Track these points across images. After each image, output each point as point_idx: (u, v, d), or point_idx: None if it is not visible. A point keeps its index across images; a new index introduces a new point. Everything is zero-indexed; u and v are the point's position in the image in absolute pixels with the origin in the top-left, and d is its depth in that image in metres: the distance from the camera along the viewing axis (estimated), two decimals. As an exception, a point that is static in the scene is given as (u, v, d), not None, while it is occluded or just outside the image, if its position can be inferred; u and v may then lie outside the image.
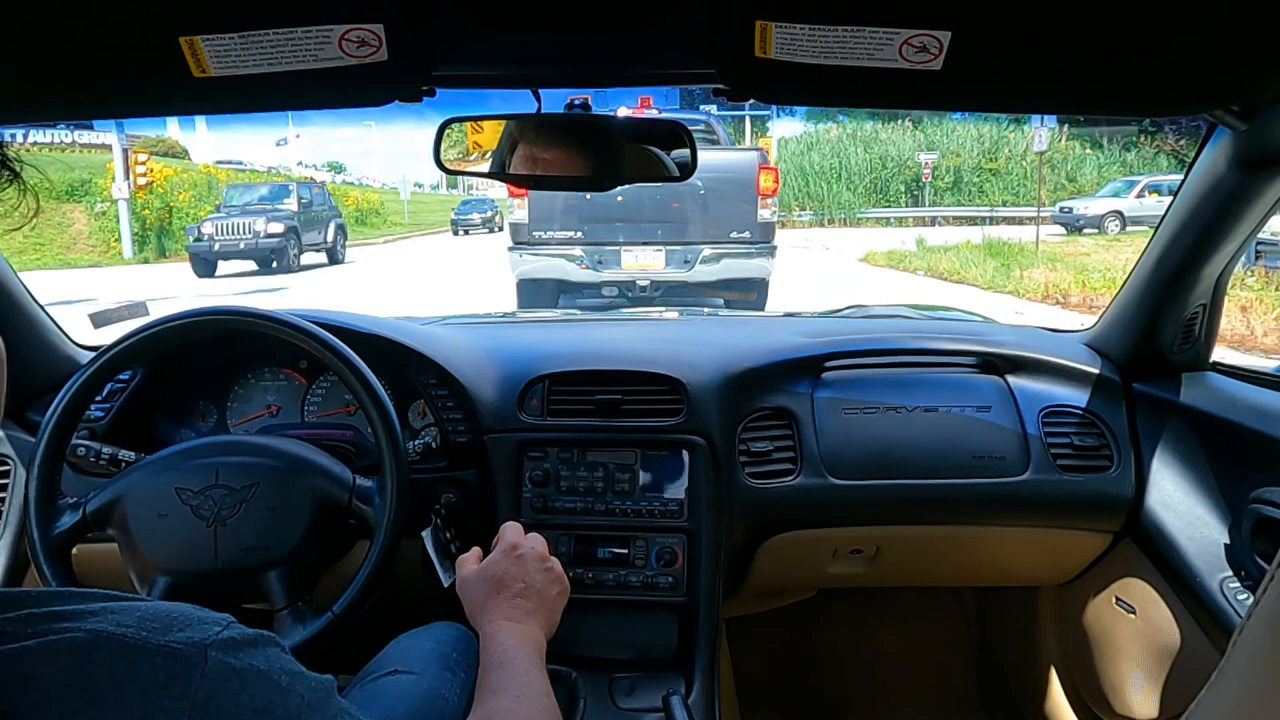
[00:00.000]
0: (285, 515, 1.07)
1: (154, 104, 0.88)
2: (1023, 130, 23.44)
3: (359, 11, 0.74)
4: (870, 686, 1.95)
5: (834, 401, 1.42)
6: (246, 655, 0.48)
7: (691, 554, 1.29)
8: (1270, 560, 0.43)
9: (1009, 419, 1.40)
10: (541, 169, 1.09)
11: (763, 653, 1.92)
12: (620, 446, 1.34)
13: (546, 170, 1.10)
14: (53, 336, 1.44)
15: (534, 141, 1.08)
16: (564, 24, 0.88)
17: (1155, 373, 1.41)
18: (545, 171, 1.10)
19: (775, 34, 0.74)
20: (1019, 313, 8.12)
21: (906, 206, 24.43)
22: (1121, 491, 1.36)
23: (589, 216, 6.44)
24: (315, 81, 0.79)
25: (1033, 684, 1.71)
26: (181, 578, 1.05)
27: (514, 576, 0.89)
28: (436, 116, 1.06)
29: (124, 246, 17.43)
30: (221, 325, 1.15)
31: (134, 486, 1.07)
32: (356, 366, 1.12)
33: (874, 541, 1.44)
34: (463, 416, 1.34)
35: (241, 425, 1.45)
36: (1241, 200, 1.14)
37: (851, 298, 5.00)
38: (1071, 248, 14.33)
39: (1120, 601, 1.40)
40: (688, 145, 1.10)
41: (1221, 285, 1.31)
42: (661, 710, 1.06)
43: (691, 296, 6.57)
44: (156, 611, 0.47)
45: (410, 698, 0.94)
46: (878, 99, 0.92)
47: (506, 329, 1.84)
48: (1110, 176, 21.84)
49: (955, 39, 0.72)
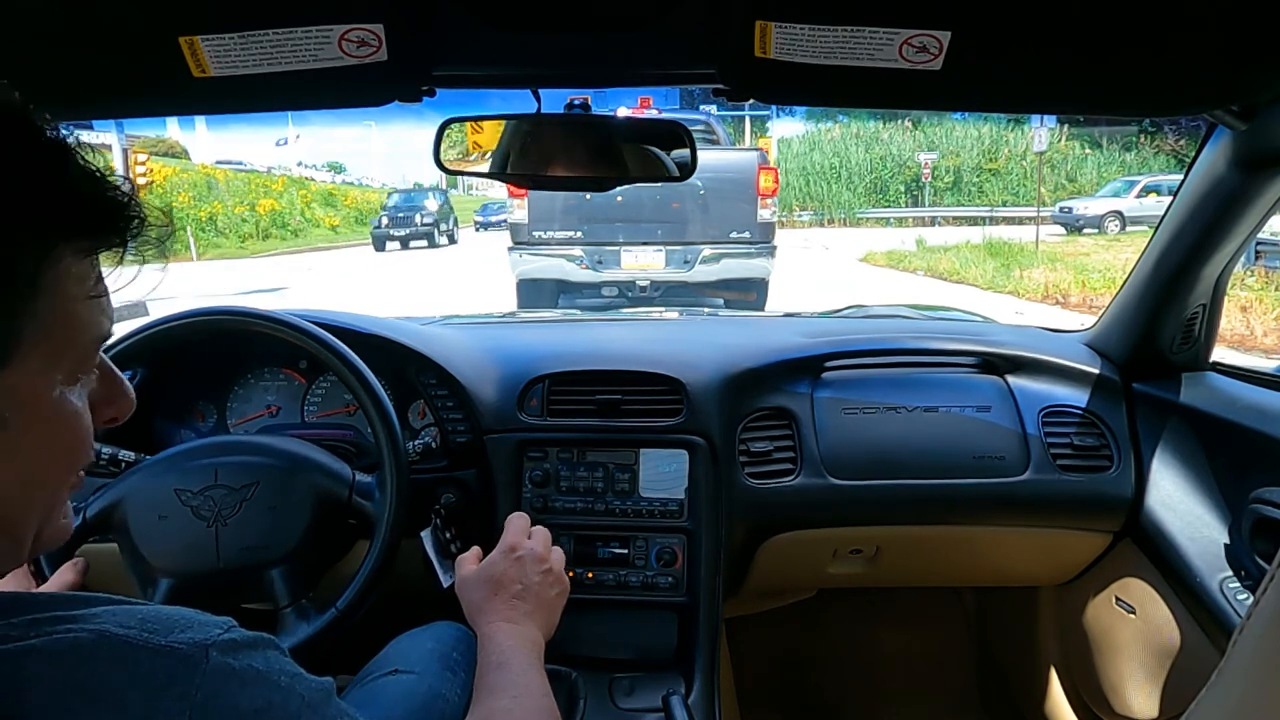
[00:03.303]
0: (286, 513, 1.07)
1: (154, 104, 0.88)
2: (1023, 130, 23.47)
3: (359, 11, 0.74)
4: (870, 686, 1.95)
5: (834, 401, 1.42)
6: (247, 656, 0.48)
7: (691, 554, 1.29)
8: (1270, 560, 0.43)
9: (1009, 419, 1.40)
10: (541, 169, 1.09)
11: (763, 653, 1.92)
12: (620, 446, 1.34)
13: (546, 170, 1.09)
14: None
15: (534, 141, 1.08)
16: (564, 24, 0.88)
17: (1155, 373, 1.41)
18: (545, 171, 1.10)
19: (775, 34, 0.74)
20: (1019, 313, 8.12)
21: (906, 206, 24.46)
22: (1121, 491, 1.36)
23: (589, 216, 6.44)
24: (315, 81, 0.80)
25: (1033, 684, 1.71)
26: (184, 579, 1.05)
27: (512, 578, 0.89)
28: (436, 116, 1.06)
29: (124, 246, 17.42)
30: (221, 325, 1.15)
31: (133, 489, 1.07)
32: (356, 366, 1.12)
33: (874, 541, 1.44)
34: (463, 416, 1.34)
35: (241, 425, 1.45)
36: (1241, 200, 1.14)
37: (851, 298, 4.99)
38: (1071, 248, 14.33)
39: (1120, 601, 1.41)
40: (688, 145, 1.10)
41: (1221, 285, 1.31)
42: (661, 710, 1.06)
43: (691, 296, 6.57)
44: (158, 613, 0.47)
45: (410, 698, 0.94)
46: (878, 99, 0.92)
47: (506, 329, 1.84)
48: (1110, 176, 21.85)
49: (955, 39, 0.72)
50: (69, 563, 1.03)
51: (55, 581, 1.00)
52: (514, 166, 1.09)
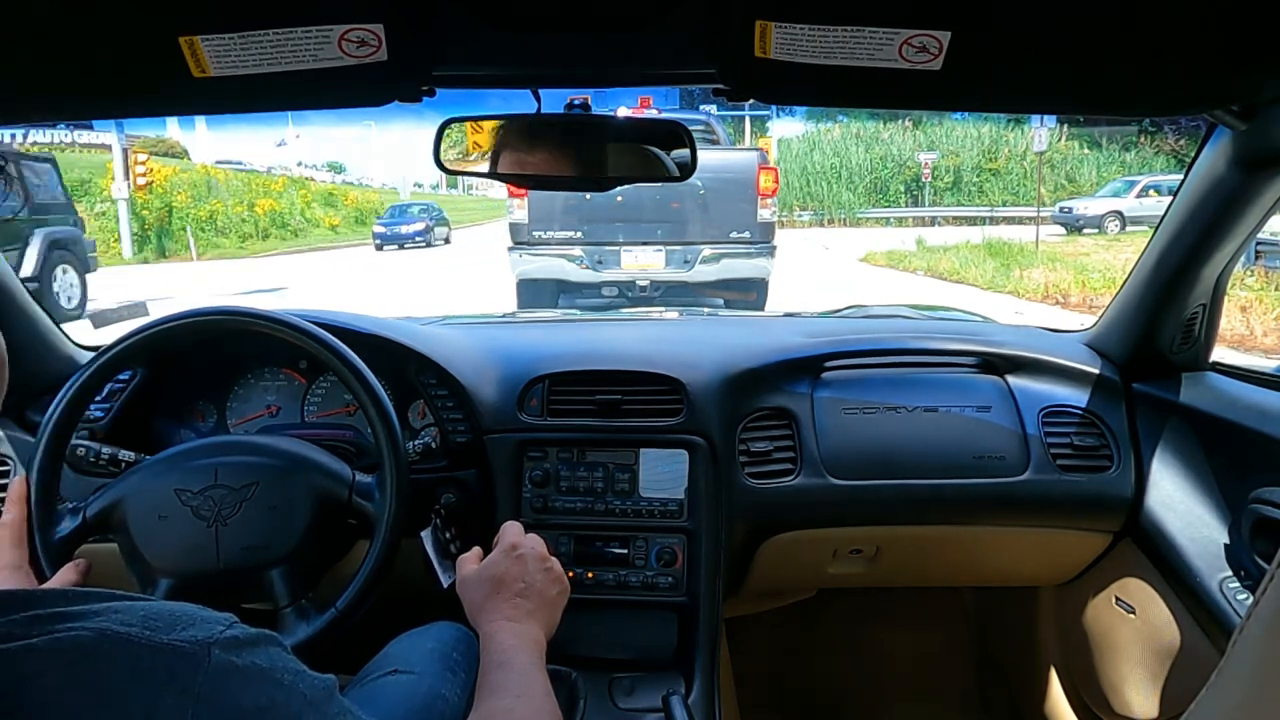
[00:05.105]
0: (285, 513, 1.07)
1: (154, 104, 0.88)
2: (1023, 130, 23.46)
3: (359, 11, 0.74)
4: (870, 686, 1.95)
5: (834, 401, 1.42)
6: (249, 654, 0.48)
7: (691, 554, 1.29)
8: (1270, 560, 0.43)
9: (1009, 419, 1.40)
10: (541, 169, 1.09)
11: (763, 653, 1.92)
12: (620, 446, 1.34)
13: (546, 170, 1.09)
14: (52, 336, 1.44)
15: (534, 142, 1.08)
16: (564, 24, 0.88)
17: (1155, 373, 1.41)
18: (545, 172, 1.10)
19: (775, 34, 0.74)
20: (1019, 313, 8.12)
21: (906, 206, 24.45)
22: (1121, 491, 1.36)
23: (589, 216, 6.44)
24: (315, 81, 0.80)
25: (1033, 684, 1.71)
26: (184, 579, 1.05)
27: (514, 576, 0.89)
28: (436, 116, 1.06)
29: (124, 246, 17.46)
30: (221, 325, 1.15)
31: (133, 489, 1.07)
32: (356, 366, 1.12)
33: (874, 541, 1.44)
34: (463, 416, 1.34)
35: (241, 425, 1.45)
36: (1241, 200, 1.14)
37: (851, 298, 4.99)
38: (1071, 248, 14.33)
39: (1120, 601, 1.41)
40: (688, 145, 1.10)
41: (1221, 285, 1.31)
42: (661, 710, 1.06)
43: (691, 296, 6.57)
44: (160, 610, 0.47)
45: (410, 698, 0.94)
46: (878, 99, 0.92)
47: (506, 329, 1.84)
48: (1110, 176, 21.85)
49: (955, 39, 0.72)
50: (70, 563, 1.03)
51: (57, 582, 1.00)
52: (514, 167, 1.08)
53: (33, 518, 1.03)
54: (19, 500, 1.03)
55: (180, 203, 19.81)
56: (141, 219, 18.31)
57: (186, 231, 19.17)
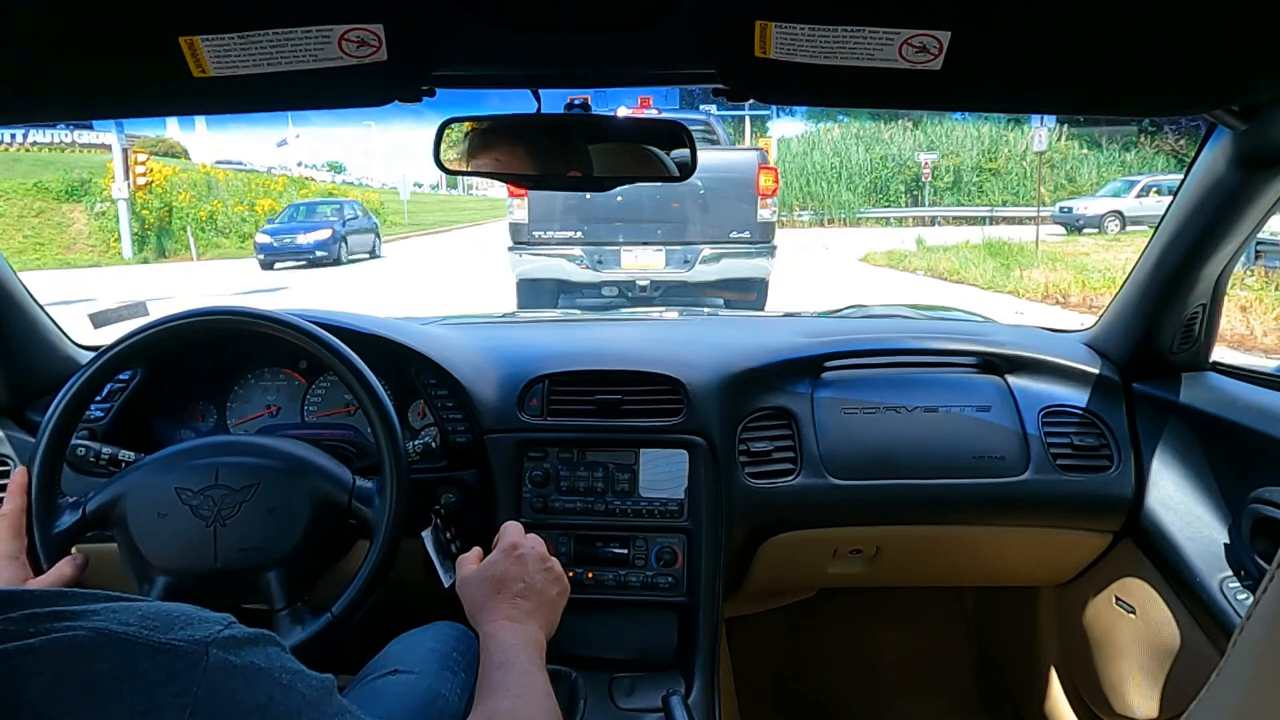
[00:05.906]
0: (285, 516, 1.07)
1: (154, 104, 0.88)
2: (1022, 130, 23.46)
3: (359, 11, 0.74)
4: (870, 686, 1.95)
5: (834, 401, 1.42)
6: (247, 653, 0.48)
7: (691, 554, 1.29)
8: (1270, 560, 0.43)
9: (1009, 419, 1.40)
10: (541, 169, 1.09)
11: (763, 653, 1.92)
12: (620, 446, 1.34)
13: (546, 170, 1.09)
14: (52, 336, 1.44)
15: (534, 142, 1.08)
16: (564, 24, 0.88)
17: (1155, 373, 1.41)
18: (545, 172, 1.10)
19: (775, 34, 0.74)
20: (1019, 312, 8.13)
21: (906, 206, 24.44)
22: (1121, 491, 1.36)
23: (589, 216, 6.44)
24: (315, 81, 0.79)
25: (1033, 684, 1.71)
26: (181, 577, 1.05)
27: (514, 576, 0.89)
28: (436, 116, 1.06)
29: (124, 246, 17.45)
30: (221, 325, 1.15)
31: (134, 486, 1.07)
32: (356, 366, 1.12)
33: (874, 541, 1.44)
34: (463, 416, 1.34)
35: (241, 425, 1.45)
36: (1241, 200, 1.14)
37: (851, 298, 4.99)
38: (1071, 248, 14.33)
39: (1120, 601, 1.41)
40: (688, 145, 1.10)
41: (1221, 285, 1.31)
42: (661, 710, 1.05)
43: (691, 296, 6.57)
44: (158, 610, 0.47)
45: (410, 698, 0.94)
46: (878, 99, 0.92)
47: (506, 329, 1.84)
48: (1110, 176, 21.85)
49: (955, 39, 0.72)
50: (67, 557, 1.03)
51: (53, 575, 1.00)
52: (514, 167, 1.08)
53: (33, 510, 1.03)
54: (19, 491, 1.03)
55: (180, 203, 19.80)
56: (141, 219, 18.29)
57: (186, 231, 19.15)
